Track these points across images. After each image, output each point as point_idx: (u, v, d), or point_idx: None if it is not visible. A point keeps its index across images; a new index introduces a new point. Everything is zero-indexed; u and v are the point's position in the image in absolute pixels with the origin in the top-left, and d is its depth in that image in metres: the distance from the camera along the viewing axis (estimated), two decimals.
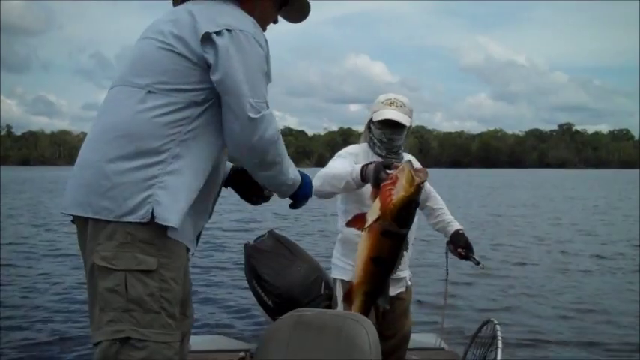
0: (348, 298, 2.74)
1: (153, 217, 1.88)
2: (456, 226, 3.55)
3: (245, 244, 3.72)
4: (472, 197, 32.72)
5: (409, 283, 3.51)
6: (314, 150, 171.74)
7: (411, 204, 2.53)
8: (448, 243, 3.56)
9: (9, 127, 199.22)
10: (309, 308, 2.71)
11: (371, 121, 3.34)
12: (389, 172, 2.62)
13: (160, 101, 1.96)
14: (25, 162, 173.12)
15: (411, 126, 3.35)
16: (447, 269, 3.77)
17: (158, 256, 1.92)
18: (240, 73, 1.95)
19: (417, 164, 3.00)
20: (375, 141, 3.33)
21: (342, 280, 3.29)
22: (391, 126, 3.26)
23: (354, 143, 3.52)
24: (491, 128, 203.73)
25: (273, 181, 2.18)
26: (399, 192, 2.48)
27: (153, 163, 1.92)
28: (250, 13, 2.14)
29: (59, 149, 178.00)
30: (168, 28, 2.03)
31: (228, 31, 1.97)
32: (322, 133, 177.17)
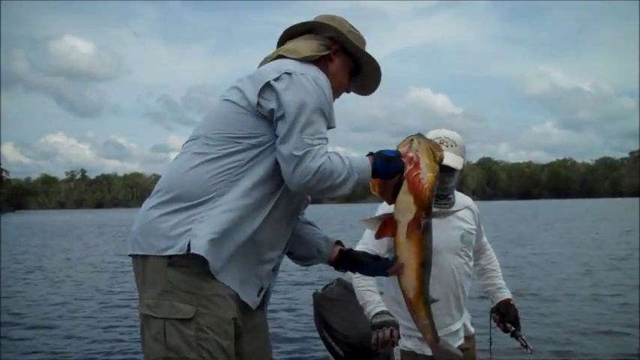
0: (411, 312, 2.38)
1: (189, 249, 1.95)
2: (506, 294, 3.23)
3: (314, 294, 3.71)
4: (545, 229, 31.85)
5: (471, 330, 3.24)
6: None
7: (436, 184, 2.18)
8: (493, 311, 3.24)
9: (83, 171, 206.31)
10: None
11: None
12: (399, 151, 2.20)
13: (210, 149, 2.07)
14: (99, 205, 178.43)
15: (464, 166, 3.12)
16: (491, 339, 3.29)
17: (196, 305, 1.97)
18: (296, 108, 2.01)
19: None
20: None
21: (402, 350, 3.03)
22: (442, 169, 3.11)
23: None
24: (560, 157, 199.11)
25: (347, 190, 2.11)
26: (426, 174, 2.14)
27: (198, 203, 2.01)
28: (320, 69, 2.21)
29: (132, 191, 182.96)
30: (236, 83, 2.17)
31: (288, 74, 2.07)
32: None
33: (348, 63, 2.35)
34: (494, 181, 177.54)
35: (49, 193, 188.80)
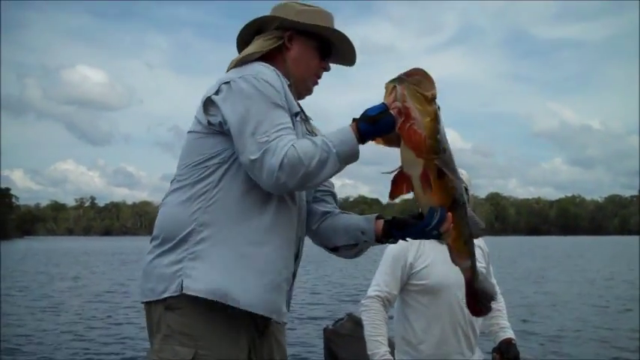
0: (453, 257, 2.18)
1: (182, 289, 1.94)
2: (508, 333, 3.27)
3: (324, 329, 3.72)
4: (554, 266, 31.66)
5: None
6: None
7: (439, 121, 1.88)
8: (494, 350, 3.26)
9: (92, 198, 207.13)
10: None
11: None
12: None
13: (181, 183, 2.05)
14: (108, 232, 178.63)
15: (470, 201, 3.13)
16: None
17: (194, 346, 1.95)
18: (239, 116, 1.94)
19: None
20: None
21: None
22: None
23: None
24: (569, 194, 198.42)
25: (332, 170, 1.92)
26: (421, 120, 1.85)
27: (180, 240, 1.98)
28: (280, 66, 2.16)
29: (140, 219, 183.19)
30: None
31: (226, 83, 2.00)
32: (397, 200, 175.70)
33: (311, 43, 2.21)
34: (503, 217, 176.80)
35: (58, 220, 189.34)
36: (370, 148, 2.04)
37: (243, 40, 2.25)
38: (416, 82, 1.84)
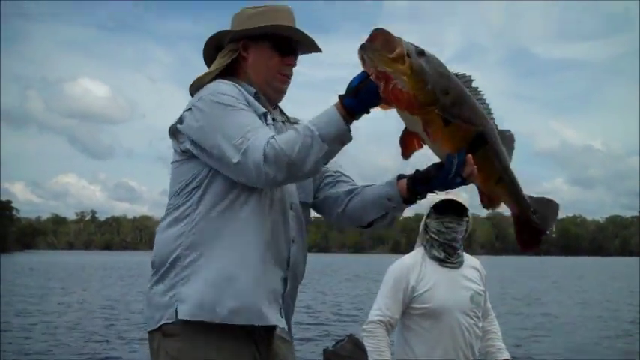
0: (485, 202, 2.10)
1: (177, 315, 1.96)
2: (505, 355, 3.36)
3: (324, 350, 3.73)
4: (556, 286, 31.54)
5: None
6: (389, 236, 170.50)
7: (421, 72, 1.76)
8: None
9: (93, 212, 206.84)
10: None
11: (427, 217, 3.25)
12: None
13: (168, 211, 2.09)
14: (108, 246, 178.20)
15: (469, 223, 3.25)
16: None
17: None
18: (207, 132, 1.95)
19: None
20: (433, 235, 3.20)
21: None
22: (450, 211, 3.18)
23: None
24: (570, 214, 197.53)
25: (319, 154, 1.85)
26: (400, 80, 1.75)
27: (170, 265, 2.02)
28: (242, 78, 2.17)
29: (140, 234, 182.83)
30: None
31: (188, 110, 2.04)
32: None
33: (264, 44, 2.17)
34: (504, 236, 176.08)
35: (59, 234, 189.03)
36: (372, 166, 2.05)
37: (210, 59, 2.25)
38: (380, 47, 1.74)
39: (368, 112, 1.86)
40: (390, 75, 1.74)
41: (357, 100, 1.82)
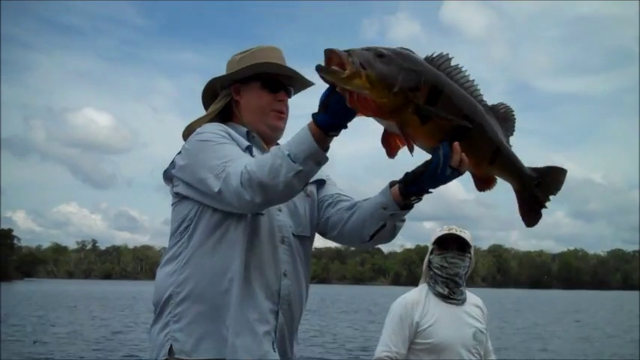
0: (477, 180, 2.05)
1: (170, 353, 2.01)
2: None
3: None
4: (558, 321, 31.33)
5: None
6: (390, 268, 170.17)
7: (387, 75, 1.71)
8: None
9: (94, 241, 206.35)
10: None
11: (430, 253, 3.28)
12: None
13: (165, 252, 2.17)
14: (108, 276, 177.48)
15: (472, 259, 3.27)
16: None
17: None
18: (193, 168, 2.03)
19: None
20: (436, 271, 3.22)
21: None
22: (452, 246, 3.20)
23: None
24: (571, 247, 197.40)
25: (290, 173, 1.82)
26: (365, 92, 1.71)
27: (164, 304, 2.08)
28: (237, 121, 2.25)
29: (141, 263, 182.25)
30: None
31: (178, 154, 2.13)
32: (398, 250, 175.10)
33: (254, 85, 2.22)
34: (505, 269, 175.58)
35: (59, 262, 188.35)
36: (374, 194, 2.03)
37: (208, 107, 2.33)
38: (335, 66, 1.69)
39: (345, 126, 1.82)
40: (350, 90, 1.71)
41: (328, 115, 1.79)
